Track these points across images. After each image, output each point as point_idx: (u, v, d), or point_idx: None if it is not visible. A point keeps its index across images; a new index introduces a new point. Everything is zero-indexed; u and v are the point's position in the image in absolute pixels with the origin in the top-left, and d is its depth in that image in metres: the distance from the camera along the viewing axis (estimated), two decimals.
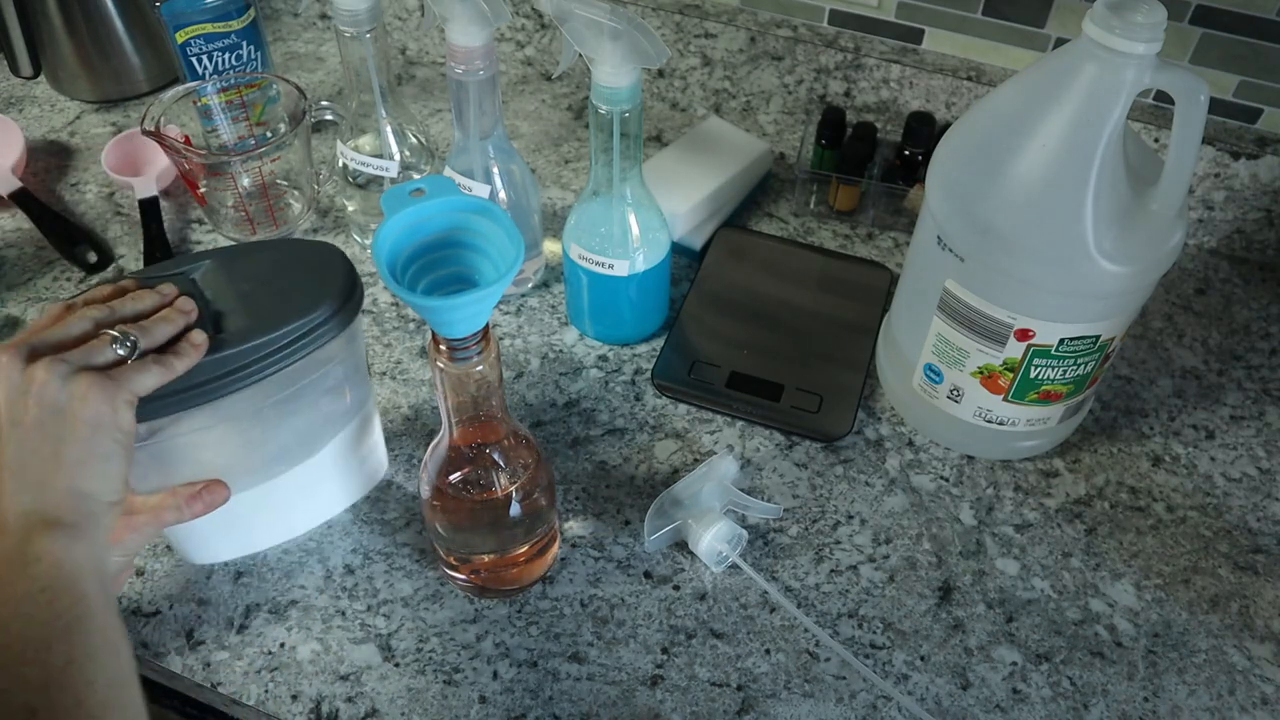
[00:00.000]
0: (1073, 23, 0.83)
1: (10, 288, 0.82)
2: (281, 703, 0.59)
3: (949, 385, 0.68)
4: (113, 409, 0.47)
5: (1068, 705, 0.60)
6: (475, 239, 0.50)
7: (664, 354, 0.77)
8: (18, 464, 0.46)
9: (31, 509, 0.45)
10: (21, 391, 0.46)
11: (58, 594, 0.44)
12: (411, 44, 1.07)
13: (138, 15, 0.97)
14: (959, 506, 0.69)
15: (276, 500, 0.63)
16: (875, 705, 0.59)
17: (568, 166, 0.94)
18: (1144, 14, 0.53)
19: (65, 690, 0.42)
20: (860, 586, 0.65)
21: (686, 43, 0.95)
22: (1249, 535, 0.68)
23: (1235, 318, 0.83)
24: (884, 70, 0.90)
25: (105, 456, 0.47)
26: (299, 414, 0.60)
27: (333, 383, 0.60)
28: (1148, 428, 0.75)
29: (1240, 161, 0.82)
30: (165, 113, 0.78)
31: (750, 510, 0.68)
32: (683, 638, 0.62)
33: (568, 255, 0.74)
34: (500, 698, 0.59)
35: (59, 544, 0.45)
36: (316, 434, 0.62)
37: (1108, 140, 0.56)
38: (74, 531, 0.45)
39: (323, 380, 0.59)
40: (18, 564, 0.44)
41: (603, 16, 0.59)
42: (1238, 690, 0.61)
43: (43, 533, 0.44)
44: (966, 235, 0.61)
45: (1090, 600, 0.64)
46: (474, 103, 0.70)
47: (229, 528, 0.62)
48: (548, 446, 0.72)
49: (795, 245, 0.87)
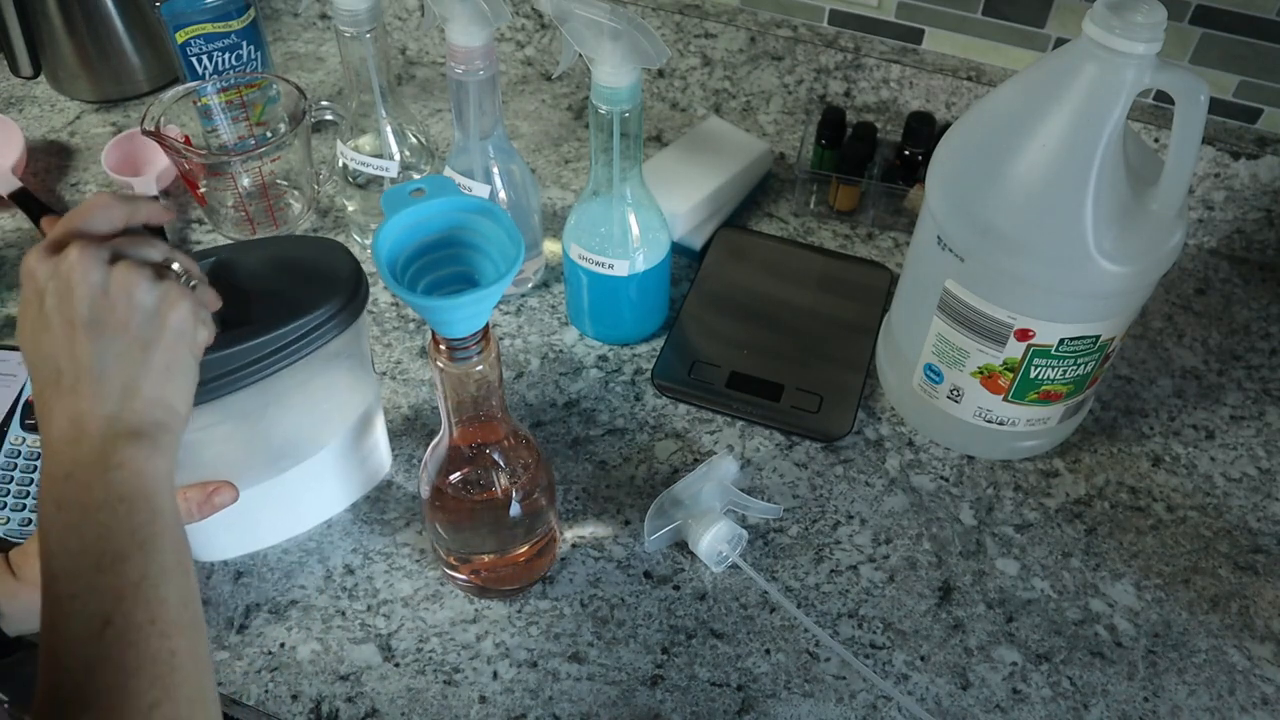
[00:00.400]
0: (1073, 23, 0.83)
1: (10, 288, 0.82)
2: (281, 703, 0.59)
3: (949, 385, 0.68)
4: (195, 319, 0.45)
5: (1068, 705, 0.60)
6: (475, 239, 0.50)
7: (664, 354, 0.77)
8: (100, 368, 0.43)
9: (115, 415, 0.43)
10: (104, 291, 0.43)
11: (136, 506, 0.42)
12: (411, 44, 1.07)
13: (138, 15, 0.97)
14: (959, 506, 0.69)
15: (280, 497, 0.63)
16: (875, 705, 0.59)
17: (568, 166, 0.94)
18: (1144, 14, 0.53)
19: (139, 605, 0.41)
20: (860, 586, 0.65)
21: (686, 43, 0.95)
22: (1249, 535, 0.68)
23: (1235, 318, 0.83)
24: (884, 70, 0.90)
25: (185, 369, 0.45)
26: (304, 411, 0.60)
27: (337, 379, 0.60)
28: (1148, 428, 0.75)
29: (1240, 161, 0.82)
30: (165, 113, 0.78)
31: (750, 510, 0.68)
32: (683, 638, 0.62)
33: (568, 255, 0.74)
34: (500, 698, 0.59)
35: (140, 454, 0.43)
36: (321, 430, 0.62)
37: (1108, 140, 0.56)
38: (154, 444, 0.44)
39: (328, 376, 0.59)
40: (98, 471, 0.42)
41: (603, 16, 0.59)
42: (1238, 690, 0.61)
43: (125, 442, 0.43)
44: (966, 235, 0.61)
45: (1090, 600, 0.64)
46: (474, 103, 0.70)
47: (232, 526, 0.62)
48: (548, 446, 0.72)
49: (795, 245, 0.87)
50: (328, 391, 0.60)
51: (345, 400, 0.62)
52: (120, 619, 0.40)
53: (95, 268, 0.43)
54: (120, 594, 0.41)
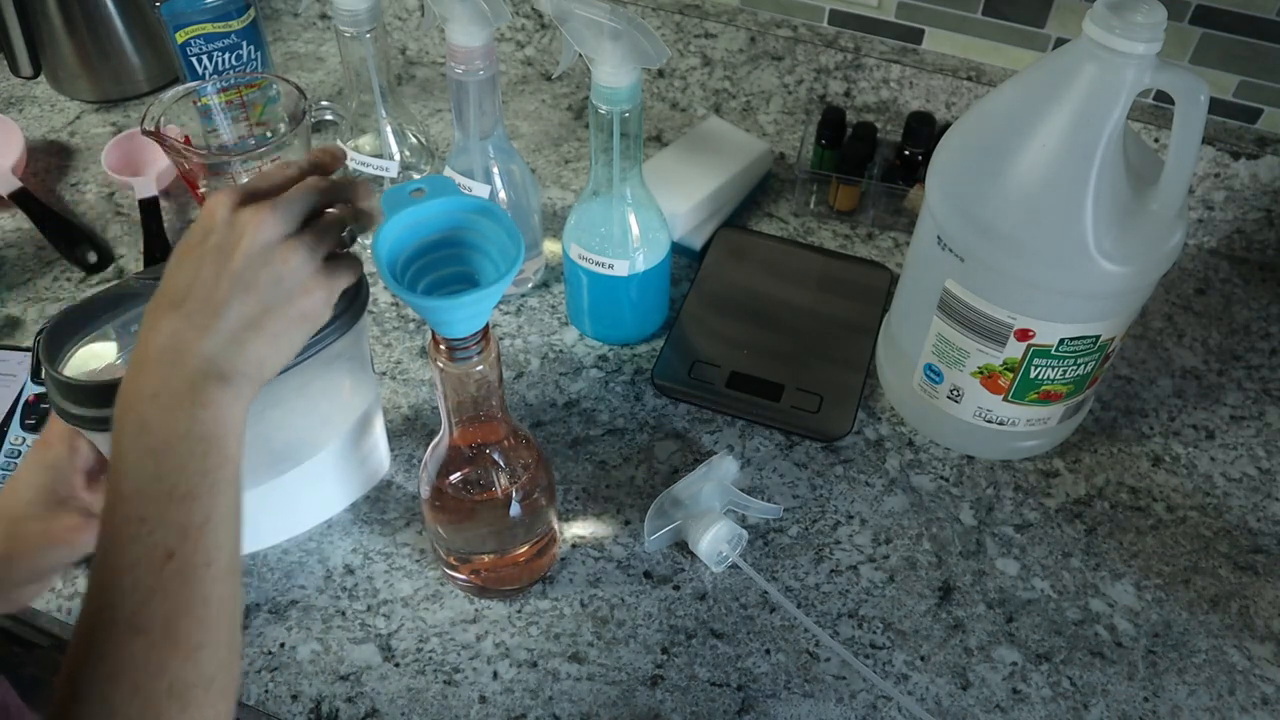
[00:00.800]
0: (1073, 23, 0.83)
1: (10, 287, 0.82)
2: (281, 702, 0.59)
3: (949, 385, 0.68)
4: (324, 308, 0.48)
5: (1068, 705, 0.60)
6: (476, 238, 0.50)
7: (664, 354, 0.77)
8: (224, 312, 0.45)
9: (214, 356, 0.44)
10: (266, 260, 0.45)
11: (213, 447, 0.44)
12: (411, 44, 1.07)
13: (138, 15, 0.97)
14: (959, 506, 0.69)
15: (281, 498, 0.63)
16: (875, 705, 0.59)
17: (568, 166, 0.94)
18: (1144, 14, 0.53)
19: (199, 547, 0.42)
20: (860, 586, 0.65)
21: (686, 43, 0.95)
22: (1249, 535, 0.68)
23: (1235, 318, 0.83)
24: (884, 70, 0.90)
25: (291, 344, 0.47)
26: (304, 413, 0.60)
27: (337, 380, 0.60)
28: (1148, 428, 0.75)
29: (1240, 161, 0.83)
30: (165, 113, 0.78)
31: (750, 510, 0.68)
32: (683, 638, 0.62)
33: (568, 255, 0.74)
34: (500, 698, 0.59)
35: (226, 399, 0.44)
36: (321, 432, 0.62)
37: (1108, 140, 0.56)
38: (238, 393, 0.45)
39: (328, 379, 0.59)
40: (186, 402, 0.43)
41: (603, 16, 0.59)
42: (1238, 690, 0.61)
43: (216, 383, 0.44)
44: (966, 235, 0.61)
45: (1090, 600, 0.64)
46: (474, 103, 0.70)
47: None
48: (548, 447, 0.72)
49: (795, 245, 0.87)
50: (328, 394, 0.60)
51: (345, 402, 0.62)
52: (182, 556, 0.42)
53: (271, 233, 0.45)
54: (185, 531, 0.42)
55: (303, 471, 0.62)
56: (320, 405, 0.60)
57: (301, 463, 0.62)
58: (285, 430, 0.60)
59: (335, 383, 0.60)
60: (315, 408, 0.60)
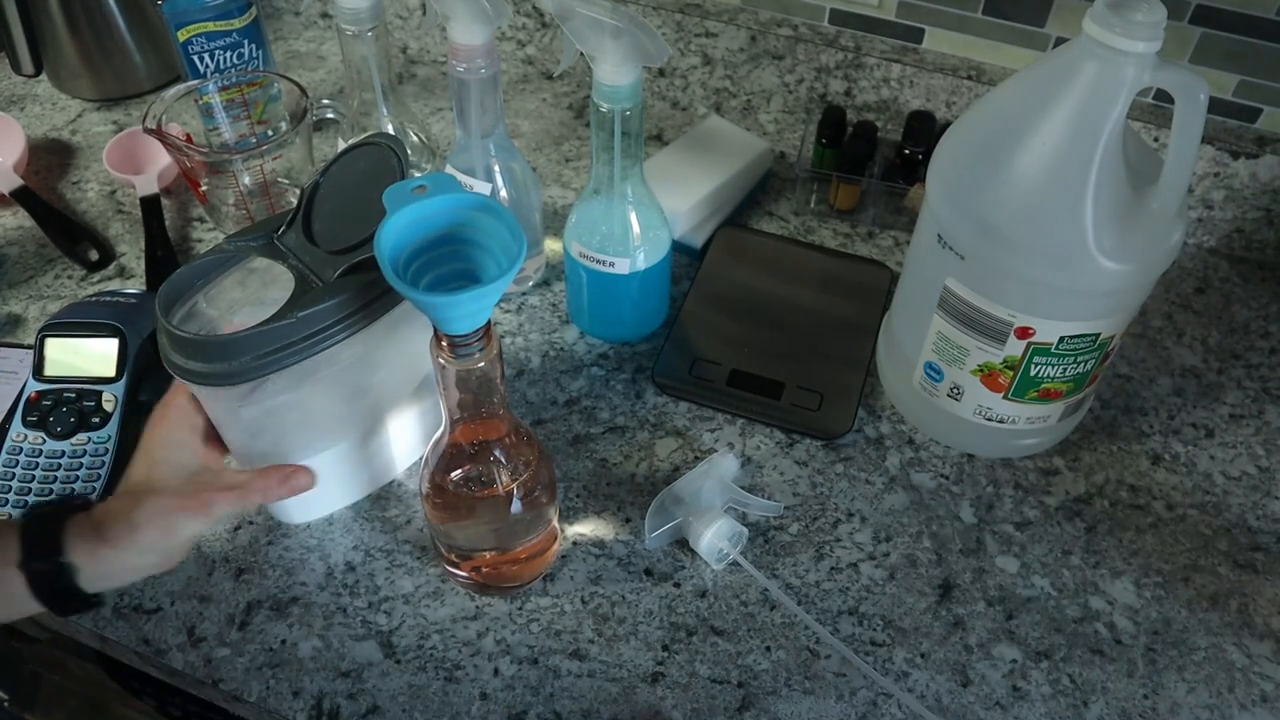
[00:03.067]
0: (1073, 22, 0.83)
1: (12, 285, 0.82)
2: (283, 699, 0.59)
3: (949, 383, 0.69)
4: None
5: (1068, 703, 0.60)
6: (478, 235, 0.50)
7: (665, 352, 0.77)
8: None
9: None
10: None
11: None
12: (413, 42, 1.07)
13: (139, 14, 0.97)
14: (959, 504, 0.69)
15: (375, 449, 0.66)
16: (875, 702, 0.59)
17: (569, 165, 0.95)
18: (1144, 13, 0.53)
19: None
20: (860, 584, 0.65)
21: (687, 42, 0.96)
22: (1248, 533, 0.68)
23: (1235, 317, 0.83)
24: (884, 69, 0.90)
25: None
26: (391, 363, 0.62)
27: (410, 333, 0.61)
28: (1147, 426, 0.75)
29: (1240, 161, 0.83)
30: (167, 111, 0.79)
31: (751, 508, 0.68)
32: (683, 635, 0.62)
33: (569, 253, 0.74)
34: (501, 694, 0.59)
35: None
36: (407, 381, 0.65)
37: (1108, 139, 0.56)
38: None
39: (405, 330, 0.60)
40: None
41: (604, 15, 0.59)
42: (1237, 688, 0.61)
43: None
44: (967, 234, 0.61)
45: (1090, 598, 0.65)
46: (475, 101, 0.70)
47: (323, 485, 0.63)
48: (549, 444, 0.72)
49: (796, 244, 0.87)
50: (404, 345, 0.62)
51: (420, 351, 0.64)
52: None
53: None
54: None
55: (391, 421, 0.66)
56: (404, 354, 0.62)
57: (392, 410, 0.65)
58: (376, 380, 0.62)
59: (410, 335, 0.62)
60: (403, 353, 0.62)
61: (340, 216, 0.58)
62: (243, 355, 0.53)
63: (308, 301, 0.54)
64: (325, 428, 0.62)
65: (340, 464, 0.64)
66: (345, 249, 0.56)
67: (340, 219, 0.58)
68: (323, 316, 0.54)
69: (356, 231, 0.56)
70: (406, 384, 0.65)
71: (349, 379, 0.60)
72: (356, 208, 0.58)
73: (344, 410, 0.62)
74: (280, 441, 0.60)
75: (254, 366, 0.53)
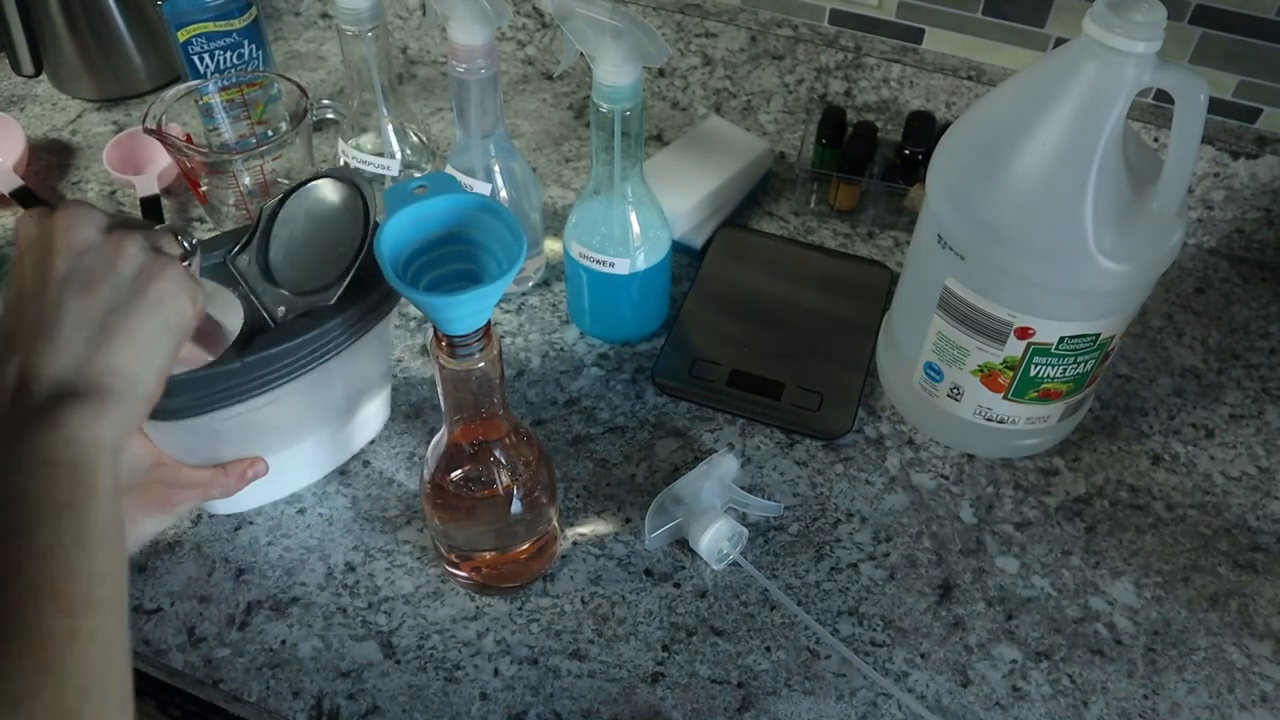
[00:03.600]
0: (1073, 22, 0.83)
1: None
2: (283, 700, 0.59)
3: (949, 383, 0.69)
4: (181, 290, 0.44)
5: (1067, 703, 0.60)
6: (478, 235, 0.50)
7: (665, 352, 0.77)
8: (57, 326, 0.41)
9: (63, 374, 0.41)
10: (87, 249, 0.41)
11: (60, 470, 0.39)
12: (413, 43, 1.07)
13: (139, 14, 0.97)
14: (959, 505, 0.69)
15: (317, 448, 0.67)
16: (875, 703, 0.59)
17: (569, 165, 0.95)
18: (1144, 13, 0.53)
19: (42, 574, 0.38)
20: (860, 584, 0.65)
21: (687, 42, 0.96)
22: (1248, 534, 0.68)
23: (1235, 317, 0.83)
24: (884, 70, 0.90)
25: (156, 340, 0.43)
26: (346, 380, 0.62)
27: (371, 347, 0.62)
28: (1147, 426, 0.75)
29: (1240, 161, 0.83)
30: (167, 111, 0.78)
31: (751, 508, 0.68)
32: (683, 635, 0.62)
33: (569, 254, 0.74)
34: (501, 695, 0.59)
35: (79, 418, 0.40)
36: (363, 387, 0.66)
37: (1108, 139, 0.56)
38: (99, 411, 0.41)
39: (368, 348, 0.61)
40: (31, 429, 0.39)
41: (604, 15, 0.59)
42: (1237, 688, 0.61)
43: (68, 403, 0.40)
44: (967, 234, 0.61)
45: (1090, 598, 0.65)
46: (475, 101, 0.70)
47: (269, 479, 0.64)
48: (548, 444, 0.72)
49: (796, 244, 0.87)
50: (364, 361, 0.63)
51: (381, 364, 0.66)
52: (15, 589, 0.37)
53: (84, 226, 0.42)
54: (20, 562, 0.38)
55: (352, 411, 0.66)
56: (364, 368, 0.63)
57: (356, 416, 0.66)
58: (341, 391, 0.63)
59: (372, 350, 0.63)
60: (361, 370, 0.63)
61: (299, 251, 0.57)
62: (182, 394, 0.52)
63: (255, 347, 0.52)
64: (272, 440, 0.61)
65: (291, 460, 0.64)
66: (301, 292, 0.55)
67: (299, 254, 0.57)
68: (270, 362, 0.53)
69: (314, 276, 0.55)
70: (367, 386, 0.65)
71: (299, 399, 0.59)
72: (317, 247, 0.57)
73: (294, 422, 0.61)
74: (219, 457, 0.60)
75: (192, 406, 0.52)
